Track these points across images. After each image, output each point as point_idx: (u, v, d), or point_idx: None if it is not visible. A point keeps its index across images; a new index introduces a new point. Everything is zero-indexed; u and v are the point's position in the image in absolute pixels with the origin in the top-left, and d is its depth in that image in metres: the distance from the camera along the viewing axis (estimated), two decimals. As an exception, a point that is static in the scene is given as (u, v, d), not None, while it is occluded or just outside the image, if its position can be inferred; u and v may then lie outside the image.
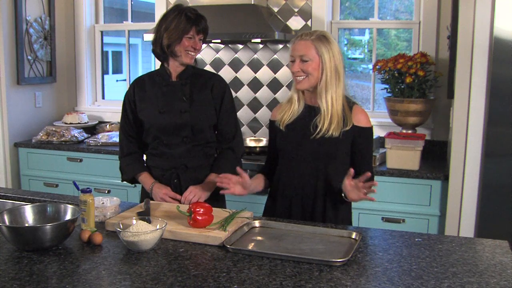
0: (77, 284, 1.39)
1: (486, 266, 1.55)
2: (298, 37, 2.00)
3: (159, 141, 2.25)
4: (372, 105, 3.78)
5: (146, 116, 2.25)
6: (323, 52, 1.95)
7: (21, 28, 3.83)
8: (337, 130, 1.97)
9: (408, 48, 3.70)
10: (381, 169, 3.07)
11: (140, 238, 1.60)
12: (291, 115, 2.07)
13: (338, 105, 1.99)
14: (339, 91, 1.99)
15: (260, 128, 3.88)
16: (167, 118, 2.21)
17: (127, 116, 2.30)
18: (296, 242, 1.74)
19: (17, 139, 3.94)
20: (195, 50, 2.20)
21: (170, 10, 2.20)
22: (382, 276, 1.47)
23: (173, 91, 2.24)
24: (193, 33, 2.16)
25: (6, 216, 1.73)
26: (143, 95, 2.27)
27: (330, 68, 1.96)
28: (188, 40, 2.16)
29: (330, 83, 1.97)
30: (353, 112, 2.02)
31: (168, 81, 2.25)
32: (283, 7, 3.70)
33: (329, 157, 2.01)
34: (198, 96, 2.25)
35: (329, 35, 2.01)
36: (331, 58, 1.96)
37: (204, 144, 2.26)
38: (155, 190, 2.22)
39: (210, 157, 2.31)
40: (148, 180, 2.27)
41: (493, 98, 2.68)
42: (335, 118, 1.98)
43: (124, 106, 2.31)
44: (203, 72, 2.37)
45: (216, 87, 2.28)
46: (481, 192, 2.77)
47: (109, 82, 6.47)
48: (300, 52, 1.97)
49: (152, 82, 2.28)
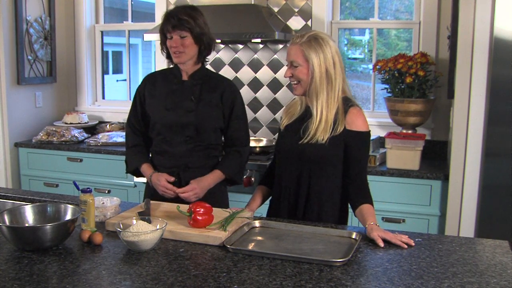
0: (77, 284, 1.39)
1: (486, 266, 1.55)
2: (291, 40, 1.97)
3: (162, 138, 2.25)
4: (372, 105, 3.78)
5: (152, 111, 2.27)
6: (311, 57, 1.89)
7: (21, 28, 3.83)
8: (325, 136, 1.92)
9: (408, 48, 3.70)
10: (381, 169, 3.07)
11: (140, 238, 1.60)
12: (292, 116, 2.07)
13: (330, 109, 1.93)
14: (332, 95, 1.93)
15: (260, 128, 3.88)
16: (173, 116, 2.22)
17: (135, 110, 2.33)
18: (296, 242, 1.74)
19: (17, 139, 3.94)
20: (175, 48, 2.14)
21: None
22: (382, 276, 1.47)
23: (183, 90, 2.25)
24: (170, 32, 2.14)
25: (6, 216, 1.73)
26: (153, 90, 2.29)
27: (319, 72, 1.90)
28: (169, 41, 2.17)
29: (320, 88, 1.91)
30: (348, 115, 1.94)
31: (179, 80, 2.27)
32: (283, 7, 3.70)
33: (314, 162, 1.97)
34: (206, 97, 2.25)
35: (322, 37, 1.92)
36: (321, 62, 1.89)
37: (206, 145, 2.26)
38: (154, 179, 2.22)
39: (213, 159, 2.30)
40: (148, 170, 2.27)
41: (493, 98, 2.68)
42: (323, 123, 1.92)
43: (134, 100, 2.34)
44: (215, 75, 2.36)
45: (227, 92, 2.26)
46: (481, 192, 2.77)
47: (109, 82, 6.48)
48: (290, 57, 1.95)
49: (164, 79, 2.30)
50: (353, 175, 1.96)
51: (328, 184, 1.99)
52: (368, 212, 1.88)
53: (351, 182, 1.97)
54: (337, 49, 1.96)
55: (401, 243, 1.70)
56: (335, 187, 2.00)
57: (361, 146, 1.97)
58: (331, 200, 2.00)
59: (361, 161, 1.98)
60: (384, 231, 1.75)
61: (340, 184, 2.00)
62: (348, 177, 1.97)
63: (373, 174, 3.03)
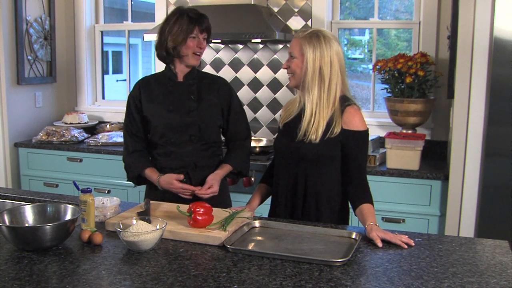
0: (77, 284, 1.39)
1: (486, 266, 1.55)
2: (295, 33, 1.99)
3: (167, 139, 2.25)
4: (372, 105, 3.78)
5: (153, 114, 2.25)
6: (307, 51, 1.90)
7: (21, 28, 3.83)
8: (317, 135, 1.91)
9: (408, 48, 3.70)
10: (381, 169, 3.07)
11: (140, 238, 1.60)
12: (290, 113, 2.06)
13: (322, 108, 1.92)
14: (324, 95, 1.91)
15: (260, 128, 3.88)
16: (176, 116, 2.23)
17: (132, 116, 2.29)
18: (296, 242, 1.74)
19: (17, 139, 3.94)
20: (200, 49, 2.21)
21: (172, 13, 2.21)
22: (382, 276, 1.47)
23: (181, 91, 2.26)
24: (196, 32, 2.18)
25: (6, 216, 1.73)
26: (149, 94, 2.28)
27: (312, 68, 1.90)
28: (192, 40, 2.17)
29: (312, 84, 1.91)
30: (344, 114, 1.92)
31: (174, 81, 2.27)
32: (283, 7, 3.70)
33: (308, 161, 1.96)
34: (206, 96, 2.27)
35: (326, 35, 1.92)
36: (316, 59, 1.89)
37: (211, 143, 2.28)
38: (163, 184, 2.19)
39: (216, 157, 2.32)
40: (153, 174, 2.24)
41: (493, 98, 2.68)
42: (312, 121, 1.92)
43: (129, 106, 2.31)
44: (207, 74, 2.39)
45: (223, 90, 2.31)
46: (481, 192, 2.77)
47: (109, 82, 6.47)
48: (290, 49, 1.97)
49: (158, 82, 2.30)
50: (353, 175, 1.96)
51: (325, 184, 1.99)
52: (368, 212, 1.88)
53: (351, 181, 1.97)
54: (339, 50, 1.93)
55: (401, 243, 1.70)
56: (333, 187, 2.00)
57: (359, 145, 1.96)
58: (329, 199, 2.00)
59: (360, 160, 1.97)
60: (384, 231, 1.75)
61: (339, 183, 2.00)
62: (348, 177, 1.97)
63: (373, 174, 3.03)
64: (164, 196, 2.21)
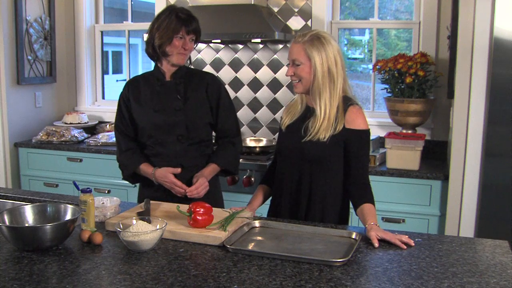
0: (77, 284, 1.39)
1: (486, 266, 1.55)
2: (293, 38, 1.98)
3: (154, 140, 2.25)
4: (372, 105, 3.78)
5: (140, 114, 2.25)
6: (313, 55, 1.90)
7: (21, 28, 3.83)
8: (326, 134, 1.92)
9: (408, 48, 3.70)
10: (381, 169, 3.07)
11: (140, 238, 1.60)
12: (293, 115, 2.07)
13: (333, 107, 1.94)
14: (334, 94, 1.94)
15: (260, 128, 3.88)
16: (162, 117, 2.22)
17: (122, 116, 2.30)
18: (296, 242, 1.74)
19: (17, 139, 3.94)
20: (185, 50, 2.19)
21: (162, 11, 2.22)
22: (382, 276, 1.47)
23: (168, 90, 2.25)
24: (183, 33, 2.16)
25: (6, 216, 1.73)
26: (137, 94, 2.28)
27: (322, 71, 1.91)
28: (178, 40, 2.16)
29: (323, 86, 1.92)
30: (347, 114, 1.94)
31: (162, 81, 2.26)
32: (283, 7, 3.70)
33: (315, 161, 1.97)
34: (193, 94, 2.26)
35: (324, 36, 1.94)
36: (323, 61, 1.90)
37: (199, 142, 2.27)
38: (158, 176, 2.20)
39: (206, 157, 2.31)
40: (148, 168, 2.25)
41: (493, 98, 2.68)
42: (326, 122, 1.93)
43: (120, 106, 2.31)
44: (196, 71, 2.38)
45: (211, 86, 2.29)
46: (481, 192, 2.77)
47: (109, 82, 6.46)
48: (292, 55, 1.95)
49: (146, 82, 2.29)
50: (354, 174, 1.97)
51: (330, 183, 1.99)
52: (369, 211, 1.88)
53: (353, 181, 1.97)
54: (339, 48, 1.96)
55: (400, 243, 1.70)
56: (337, 186, 2.00)
57: (361, 145, 1.97)
58: (334, 199, 2.01)
59: (362, 159, 1.98)
60: (383, 231, 1.75)
61: (342, 183, 2.01)
62: (349, 176, 1.98)
63: (373, 174, 3.03)
64: (156, 195, 2.22)
